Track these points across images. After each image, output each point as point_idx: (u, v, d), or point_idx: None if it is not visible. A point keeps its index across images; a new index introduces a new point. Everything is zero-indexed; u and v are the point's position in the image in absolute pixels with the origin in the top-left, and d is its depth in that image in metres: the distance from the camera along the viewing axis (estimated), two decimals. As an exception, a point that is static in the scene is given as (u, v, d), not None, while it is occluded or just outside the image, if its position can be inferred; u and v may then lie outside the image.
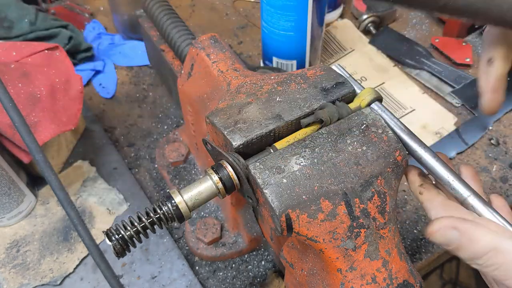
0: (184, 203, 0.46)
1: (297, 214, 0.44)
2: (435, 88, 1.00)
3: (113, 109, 1.00)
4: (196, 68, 0.66)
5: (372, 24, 1.10)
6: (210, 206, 0.80)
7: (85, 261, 0.76)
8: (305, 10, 0.86)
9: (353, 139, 0.47)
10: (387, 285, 0.46)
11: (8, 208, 0.77)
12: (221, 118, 0.50)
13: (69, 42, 1.01)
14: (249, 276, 0.76)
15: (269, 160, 0.45)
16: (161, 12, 0.84)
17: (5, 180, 0.74)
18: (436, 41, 1.07)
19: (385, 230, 0.47)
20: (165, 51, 0.86)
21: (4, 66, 0.76)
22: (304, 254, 0.53)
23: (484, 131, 0.93)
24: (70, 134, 0.89)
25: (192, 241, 0.77)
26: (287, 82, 0.53)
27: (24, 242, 0.78)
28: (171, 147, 0.87)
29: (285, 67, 0.97)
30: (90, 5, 1.21)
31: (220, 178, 0.47)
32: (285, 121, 0.49)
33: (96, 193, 0.83)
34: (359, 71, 1.05)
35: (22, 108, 0.74)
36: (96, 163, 0.88)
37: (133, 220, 0.47)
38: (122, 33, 1.13)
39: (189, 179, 0.85)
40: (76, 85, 0.81)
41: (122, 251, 0.46)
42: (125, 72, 1.07)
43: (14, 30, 0.99)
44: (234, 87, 0.56)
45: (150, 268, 0.75)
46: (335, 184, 0.45)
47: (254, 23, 1.16)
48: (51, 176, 0.48)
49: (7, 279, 0.74)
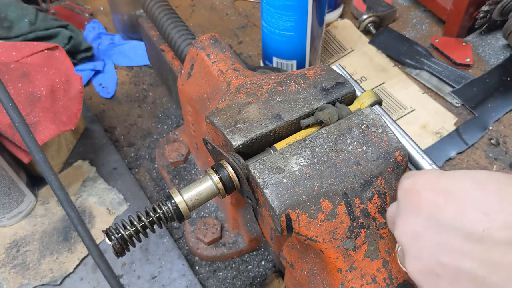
0: (184, 203, 0.46)
1: (297, 214, 0.43)
2: (435, 88, 1.00)
3: (113, 109, 1.00)
4: (196, 68, 0.66)
5: (372, 24, 1.10)
6: (210, 206, 0.80)
7: (85, 261, 0.76)
8: (305, 10, 0.86)
9: (353, 139, 0.47)
10: (387, 285, 0.46)
11: (8, 208, 0.77)
12: (221, 118, 0.50)
13: (69, 42, 1.01)
14: (249, 276, 0.76)
15: (269, 160, 0.45)
16: (161, 12, 0.84)
17: (5, 180, 0.74)
18: (436, 41, 1.07)
19: (385, 230, 0.47)
20: (165, 51, 0.86)
21: (4, 66, 0.76)
22: (304, 254, 0.53)
23: (484, 131, 0.93)
24: (70, 134, 0.89)
25: (192, 241, 0.77)
26: (287, 82, 0.53)
27: (24, 242, 0.78)
28: (171, 147, 0.87)
29: (285, 67, 0.97)
30: (90, 5, 1.21)
31: (220, 178, 0.47)
32: (285, 121, 0.49)
33: (96, 193, 0.83)
34: (359, 71, 1.05)
35: (22, 108, 0.74)
36: (96, 163, 0.88)
37: (133, 220, 0.47)
38: (122, 33, 1.13)
39: (189, 179, 0.85)
40: (76, 85, 0.81)
41: (121, 250, 0.46)
42: (125, 72, 1.07)
43: (14, 30, 0.99)
44: (234, 87, 0.56)
45: (150, 268, 0.75)
46: (335, 184, 0.45)
47: (254, 23, 1.16)
48: (51, 176, 0.48)
49: (7, 279, 0.74)
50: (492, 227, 0.31)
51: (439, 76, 1.01)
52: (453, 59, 1.04)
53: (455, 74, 1.02)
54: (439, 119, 0.95)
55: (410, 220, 0.36)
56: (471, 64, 1.03)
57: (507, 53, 1.05)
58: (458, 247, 0.32)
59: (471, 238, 0.32)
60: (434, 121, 0.94)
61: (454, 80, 1.00)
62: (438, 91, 1.00)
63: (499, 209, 0.32)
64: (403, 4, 1.19)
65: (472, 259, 0.32)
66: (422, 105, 0.97)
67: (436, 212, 0.34)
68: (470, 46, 1.06)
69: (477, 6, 1.02)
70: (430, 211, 0.34)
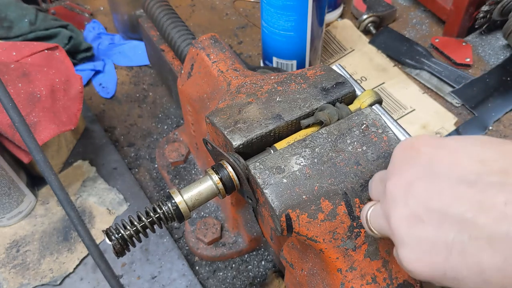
0: (184, 203, 0.46)
1: (297, 214, 0.43)
2: (435, 88, 1.00)
3: (113, 109, 1.00)
4: (196, 68, 0.66)
5: (372, 24, 1.10)
6: (210, 206, 0.80)
7: (85, 261, 0.76)
8: (305, 10, 0.86)
9: (353, 139, 0.47)
10: (387, 285, 0.46)
11: (8, 208, 0.77)
12: (221, 118, 0.50)
13: (69, 42, 1.01)
14: (249, 276, 0.76)
15: (269, 160, 0.45)
16: (161, 12, 0.84)
17: (5, 180, 0.74)
18: (436, 41, 1.07)
19: (385, 230, 0.47)
20: (165, 51, 0.86)
21: (4, 66, 0.76)
22: (304, 254, 0.53)
23: (484, 131, 0.93)
24: (70, 134, 0.89)
25: (192, 241, 0.77)
26: (287, 82, 0.53)
27: (24, 242, 0.78)
28: (171, 147, 0.87)
29: (285, 67, 0.97)
30: (90, 5, 1.21)
31: (220, 178, 0.47)
32: (285, 121, 0.49)
33: (96, 193, 0.83)
34: (359, 71, 1.05)
35: (22, 108, 0.74)
36: (96, 163, 0.88)
37: (133, 220, 0.47)
38: (122, 33, 1.13)
39: (189, 179, 0.85)
40: (76, 85, 0.81)
41: (121, 250, 0.46)
42: (125, 72, 1.07)
43: (14, 30, 0.99)
44: (234, 87, 0.56)
45: (150, 268, 0.75)
46: (335, 184, 0.45)
47: (254, 23, 1.16)
48: (51, 176, 0.48)
49: (7, 279, 0.74)
50: (487, 171, 0.31)
51: (439, 76, 1.01)
52: (453, 59, 1.04)
53: (455, 74, 1.02)
54: (439, 119, 0.95)
55: (405, 172, 0.35)
56: (471, 64, 1.03)
57: (507, 53, 1.05)
58: (449, 192, 0.32)
59: (463, 182, 0.31)
60: (434, 121, 0.94)
61: (454, 80, 1.00)
62: (438, 91, 1.00)
63: (496, 158, 0.31)
64: (403, 4, 1.19)
65: (462, 202, 0.31)
66: (422, 105, 0.97)
67: (432, 163, 0.34)
68: (470, 46, 1.06)
69: (477, 6, 1.02)
70: (427, 162, 0.34)
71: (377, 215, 0.39)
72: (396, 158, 0.38)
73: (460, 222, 0.31)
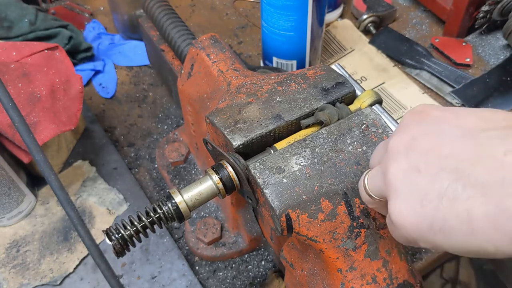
0: (184, 203, 0.46)
1: (297, 214, 0.44)
2: (435, 88, 1.00)
3: (113, 109, 1.00)
4: (196, 68, 0.66)
5: (372, 24, 1.10)
6: (210, 206, 0.80)
7: (85, 261, 0.76)
8: (305, 10, 0.86)
9: (353, 139, 0.47)
10: (387, 285, 0.46)
11: (8, 208, 0.77)
12: (221, 118, 0.50)
13: (69, 42, 1.01)
14: (249, 276, 0.76)
15: (269, 160, 0.45)
16: (161, 12, 0.84)
17: (5, 180, 0.74)
18: (436, 41, 1.07)
19: (385, 230, 0.47)
20: (165, 51, 0.86)
21: (4, 66, 0.76)
22: (304, 254, 0.53)
23: (484, 131, 0.93)
24: (70, 134, 0.89)
25: (192, 241, 0.77)
26: (287, 82, 0.53)
27: (24, 242, 0.78)
28: (171, 147, 0.87)
29: (285, 67, 0.97)
30: (90, 5, 1.21)
31: (221, 178, 0.47)
32: (285, 121, 0.49)
33: (96, 193, 0.83)
34: (359, 71, 1.05)
35: (22, 108, 0.74)
36: (96, 163, 0.88)
37: (133, 220, 0.47)
38: (122, 33, 1.13)
39: (189, 179, 0.85)
40: (76, 85, 0.81)
41: (122, 250, 0.46)
42: (125, 72, 1.07)
43: (14, 30, 0.99)
44: (234, 87, 0.56)
45: (150, 268, 0.75)
46: (335, 184, 0.45)
47: (254, 23, 1.16)
48: (51, 176, 0.48)
49: (7, 279, 0.74)
50: (490, 128, 0.31)
51: (439, 76, 1.01)
52: (453, 59, 1.04)
53: (455, 74, 1.02)
54: (439, 119, 0.95)
55: (410, 129, 0.36)
56: (471, 64, 1.03)
57: (507, 53, 1.05)
58: (450, 145, 0.32)
59: (466, 137, 0.31)
60: (434, 121, 0.94)
61: (454, 80, 1.00)
62: (438, 91, 1.00)
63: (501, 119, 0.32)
64: (403, 4, 1.19)
65: (461, 153, 0.31)
66: (422, 105, 0.97)
67: (439, 123, 0.34)
68: (470, 46, 1.06)
69: (477, 6, 1.02)
70: (434, 122, 0.35)
71: (375, 176, 0.39)
72: (404, 121, 0.38)
73: (457, 171, 0.31)
